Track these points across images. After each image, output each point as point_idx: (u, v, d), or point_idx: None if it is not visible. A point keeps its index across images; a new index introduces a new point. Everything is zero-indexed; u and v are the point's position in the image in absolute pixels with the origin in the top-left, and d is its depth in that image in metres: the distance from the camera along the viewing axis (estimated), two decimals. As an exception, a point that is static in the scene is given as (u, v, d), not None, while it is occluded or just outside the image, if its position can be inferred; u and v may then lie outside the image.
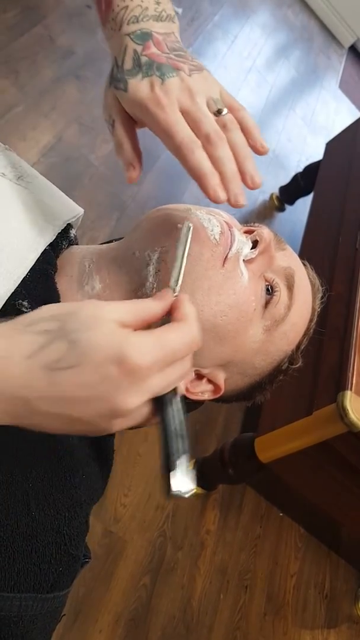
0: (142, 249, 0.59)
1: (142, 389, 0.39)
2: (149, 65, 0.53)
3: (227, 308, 0.58)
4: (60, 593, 0.50)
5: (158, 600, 1.52)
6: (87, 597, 1.40)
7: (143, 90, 0.52)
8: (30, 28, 2.20)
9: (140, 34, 0.54)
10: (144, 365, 0.38)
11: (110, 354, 0.37)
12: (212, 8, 3.34)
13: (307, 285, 0.68)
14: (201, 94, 0.53)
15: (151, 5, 0.56)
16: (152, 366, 0.38)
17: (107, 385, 0.37)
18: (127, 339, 0.38)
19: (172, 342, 0.40)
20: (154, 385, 0.40)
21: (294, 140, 3.25)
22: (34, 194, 0.62)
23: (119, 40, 0.55)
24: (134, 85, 0.53)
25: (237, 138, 0.53)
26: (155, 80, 0.52)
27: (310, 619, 1.81)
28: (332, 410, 1.24)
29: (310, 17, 4.44)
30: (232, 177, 0.51)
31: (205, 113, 0.52)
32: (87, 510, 0.55)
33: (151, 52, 0.53)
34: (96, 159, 2.08)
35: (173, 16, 0.57)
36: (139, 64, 0.53)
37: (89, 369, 0.37)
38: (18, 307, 0.53)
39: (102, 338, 0.38)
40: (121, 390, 0.38)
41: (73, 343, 0.37)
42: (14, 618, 0.46)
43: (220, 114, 0.53)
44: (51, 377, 0.37)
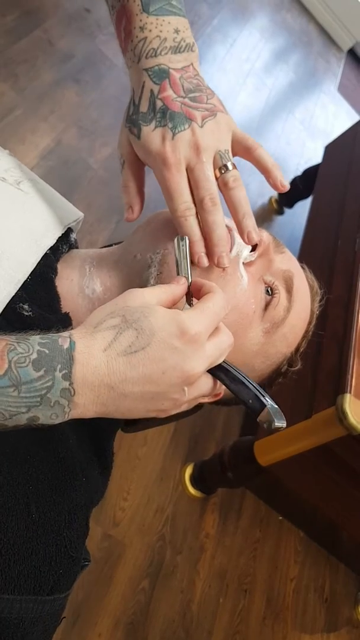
0: (143, 251, 0.60)
1: (203, 355, 0.47)
2: (162, 113, 0.55)
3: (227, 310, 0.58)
4: (61, 595, 0.50)
5: (157, 604, 1.51)
6: (86, 601, 1.40)
7: (154, 142, 0.55)
8: (30, 32, 2.21)
9: (158, 70, 0.55)
10: (199, 331, 0.46)
11: (171, 330, 0.45)
12: (211, 12, 3.35)
13: (306, 288, 0.69)
14: (209, 150, 0.55)
15: (170, 35, 0.56)
16: (205, 331, 0.47)
17: (175, 355, 0.45)
18: (180, 317, 0.46)
19: (212, 308, 0.49)
20: (210, 352, 0.48)
21: (293, 143, 3.26)
22: (35, 198, 0.62)
23: (137, 74, 0.57)
24: (146, 135, 0.55)
25: (237, 196, 0.57)
26: (167, 133, 0.54)
27: (310, 622, 1.81)
28: (331, 413, 1.24)
29: (309, 21, 4.45)
30: (218, 242, 0.56)
31: (207, 175, 0.55)
32: (88, 513, 0.55)
33: (166, 96, 0.55)
34: (95, 162, 2.09)
35: (192, 44, 0.58)
36: (154, 108, 0.55)
37: (158, 346, 0.44)
38: (19, 311, 0.54)
39: (160, 320, 0.45)
40: (187, 357, 0.46)
41: (139, 329, 0.44)
42: (15, 620, 0.46)
43: (226, 169, 0.56)
44: (129, 361, 0.44)
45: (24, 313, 0.54)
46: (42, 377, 0.40)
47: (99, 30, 2.47)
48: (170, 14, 0.57)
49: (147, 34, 0.56)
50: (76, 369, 0.42)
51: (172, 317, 0.46)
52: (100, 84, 2.32)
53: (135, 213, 0.62)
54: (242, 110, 3.06)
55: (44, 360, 0.41)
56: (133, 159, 0.59)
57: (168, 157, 0.54)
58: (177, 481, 1.72)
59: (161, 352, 0.44)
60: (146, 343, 0.44)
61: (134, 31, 0.56)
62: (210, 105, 0.57)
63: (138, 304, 0.47)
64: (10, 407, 0.40)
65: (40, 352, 0.41)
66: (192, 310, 0.48)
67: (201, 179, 0.55)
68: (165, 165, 0.54)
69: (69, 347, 0.42)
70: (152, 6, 0.56)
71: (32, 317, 0.54)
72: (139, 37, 0.56)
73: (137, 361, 0.44)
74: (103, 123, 2.21)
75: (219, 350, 0.50)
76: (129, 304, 0.47)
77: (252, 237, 0.56)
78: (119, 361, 0.43)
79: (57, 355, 0.41)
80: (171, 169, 0.54)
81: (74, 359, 0.42)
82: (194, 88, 0.56)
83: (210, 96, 0.57)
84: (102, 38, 2.46)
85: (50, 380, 0.41)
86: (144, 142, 0.56)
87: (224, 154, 0.56)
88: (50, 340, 0.42)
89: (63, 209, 0.65)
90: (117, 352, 0.43)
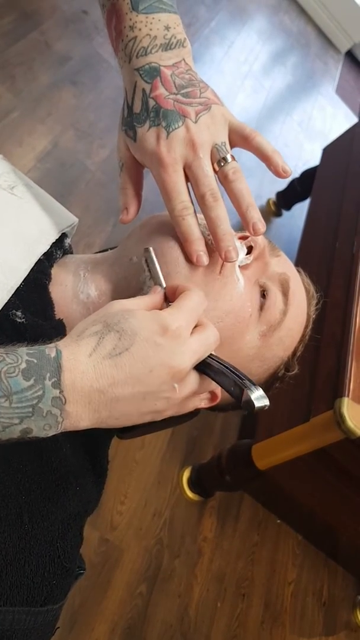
0: (139, 254, 0.59)
1: (188, 350, 0.47)
2: (156, 112, 0.54)
3: (224, 314, 0.58)
4: (54, 606, 0.50)
5: (155, 609, 1.51)
6: (83, 606, 1.39)
7: (150, 143, 0.54)
8: (27, 34, 2.20)
9: (149, 68, 0.55)
10: (180, 325, 0.47)
11: (153, 328, 0.46)
12: (209, 14, 3.35)
13: (302, 291, 0.68)
14: (205, 145, 0.55)
15: (160, 33, 0.55)
16: (186, 325, 0.48)
17: (160, 352, 0.45)
18: (160, 314, 0.47)
19: (189, 304, 0.50)
20: (195, 347, 0.48)
21: (290, 145, 3.25)
22: (29, 203, 0.62)
23: (129, 75, 0.56)
24: (142, 136, 0.55)
25: (238, 188, 0.56)
26: (161, 133, 0.54)
27: (308, 626, 1.80)
28: (329, 417, 1.23)
29: (306, 23, 4.45)
30: (223, 236, 0.55)
31: (205, 171, 0.55)
32: (81, 522, 0.54)
33: (158, 94, 0.54)
34: (92, 164, 2.08)
35: (184, 40, 0.57)
36: (146, 108, 0.55)
37: (141, 345, 0.45)
38: (12, 318, 0.53)
39: (141, 320, 0.46)
40: (172, 352, 0.46)
41: (121, 331, 0.45)
42: (7, 632, 0.46)
43: (225, 161, 0.55)
44: (115, 363, 0.44)
45: (17, 320, 0.53)
46: (33, 386, 0.40)
47: (97, 33, 2.47)
48: (160, 10, 0.56)
49: (137, 33, 0.55)
50: (65, 376, 0.41)
51: (152, 316, 0.47)
52: (98, 86, 2.32)
53: (130, 215, 0.61)
54: (239, 112, 3.06)
55: (33, 370, 0.40)
56: (131, 162, 0.59)
57: (164, 157, 0.54)
58: (174, 485, 1.71)
59: (145, 351, 0.45)
60: (129, 344, 0.44)
61: (124, 30, 0.55)
62: (203, 99, 0.56)
63: (119, 308, 0.48)
64: (3, 419, 0.39)
65: (29, 361, 0.41)
66: (170, 308, 0.49)
67: (200, 175, 0.55)
68: (162, 166, 0.54)
69: (56, 355, 0.42)
70: (141, 4, 0.55)
71: (25, 325, 0.53)
72: (129, 36, 0.55)
73: (123, 362, 0.44)
74: (100, 125, 2.21)
75: (204, 346, 0.50)
76: (113, 309, 0.48)
77: (257, 228, 0.55)
78: (106, 364, 0.43)
79: (45, 364, 0.41)
80: (168, 168, 0.54)
81: (62, 366, 0.42)
82: (187, 83, 0.56)
83: (203, 89, 0.57)
84: (100, 40, 2.45)
85: (41, 389, 0.40)
86: (139, 144, 0.55)
87: (221, 146, 0.56)
88: (38, 350, 0.42)
89: (57, 214, 0.65)
90: (102, 355, 0.43)
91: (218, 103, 0.57)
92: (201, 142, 0.54)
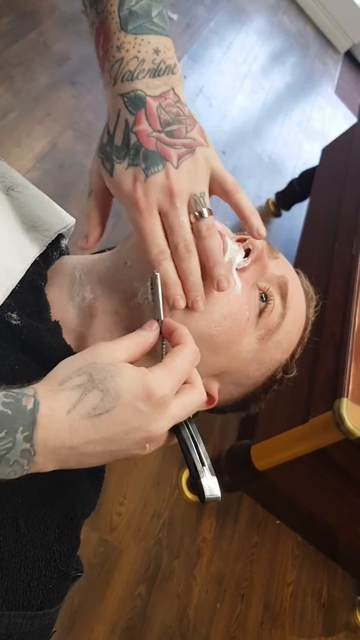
0: (134, 259, 0.59)
1: (167, 416, 0.47)
2: (136, 150, 0.51)
3: (221, 318, 0.58)
4: (51, 610, 0.49)
5: (154, 610, 1.50)
6: (83, 607, 1.39)
7: (126, 183, 0.52)
8: (25, 34, 2.20)
9: (134, 97, 0.51)
10: (165, 394, 0.46)
11: (137, 393, 0.44)
12: (208, 14, 3.35)
13: (300, 293, 0.68)
14: (183, 195, 0.53)
15: (149, 57, 0.52)
16: (171, 392, 0.47)
17: (139, 417, 0.45)
18: (147, 378, 0.45)
19: (180, 365, 0.48)
20: (175, 412, 0.48)
21: (290, 145, 3.25)
22: (25, 204, 0.61)
23: (113, 99, 0.53)
24: (119, 173, 0.52)
25: (209, 246, 0.54)
26: (139, 175, 0.51)
27: (308, 627, 1.80)
28: (328, 417, 1.23)
29: (305, 23, 4.45)
30: (191, 287, 0.54)
31: (181, 221, 0.53)
32: (78, 526, 0.54)
33: (141, 130, 0.51)
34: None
35: (173, 66, 0.53)
36: (127, 143, 0.52)
37: (123, 409, 0.44)
38: (7, 320, 0.53)
39: (127, 381, 0.45)
40: (152, 419, 0.46)
41: (105, 391, 0.44)
42: (3, 636, 0.45)
43: (201, 216, 0.53)
44: (93, 424, 0.43)
45: (12, 322, 0.53)
46: (3, 438, 0.40)
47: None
48: (150, 32, 0.52)
49: (124, 54, 0.51)
50: (38, 432, 0.41)
51: (139, 378, 0.45)
52: (96, 86, 2.31)
53: (90, 243, 0.60)
54: (239, 113, 3.06)
55: (5, 422, 0.40)
56: (101, 191, 0.57)
57: (140, 202, 0.52)
58: (173, 486, 1.71)
59: (125, 415, 0.44)
60: (111, 406, 0.44)
61: (111, 50, 0.52)
62: (188, 140, 0.53)
63: (106, 360, 0.46)
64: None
65: (3, 412, 0.40)
66: (159, 369, 0.47)
67: (175, 225, 0.53)
68: (137, 210, 0.52)
69: (32, 408, 0.41)
70: (131, 24, 0.51)
71: (20, 327, 0.53)
72: (116, 57, 0.52)
73: (101, 424, 0.44)
74: (99, 126, 2.18)
75: (185, 411, 0.49)
76: (97, 361, 0.46)
77: (222, 285, 0.54)
78: (83, 424, 0.43)
79: (19, 417, 0.41)
80: (143, 213, 0.52)
81: (37, 421, 0.41)
82: (172, 119, 0.52)
83: (190, 127, 0.53)
84: (98, 40, 2.45)
85: (11, 442, 0.40)
86: (115, 181, 0.53)
87: (199, 198, 0.53)
88: (15, 399, 0.41)
89: (54, 215, 0.64)
90: (80, 414, 0.43)
91: (203, 144, 0.54)
92: (179, 191, 0.52)
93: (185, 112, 0.54)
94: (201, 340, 0.57)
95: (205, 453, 0.52)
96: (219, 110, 2.89)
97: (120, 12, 0.51)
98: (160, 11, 0.53)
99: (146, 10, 0.52)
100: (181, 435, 0.53)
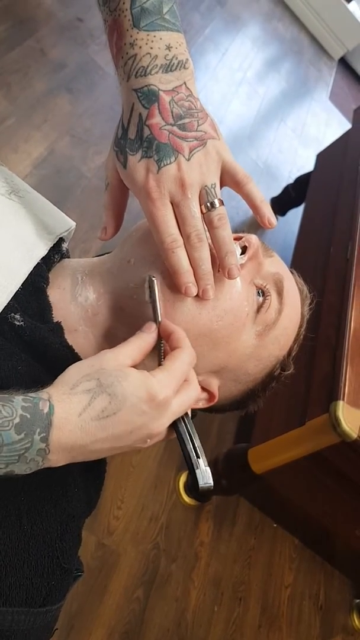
0: (137, 256, 0.60)
1: (168, 414, 0.52)
2: (149, 143, 0.53)
3: (223, 312, 0.59)
4: (53, 607, 0.50)
5: (152, 613, 1.51)
6: (80, 611, 1.39)
7: (139, 174, 0.54)
8: (22, 41, 2.22)
9: (147, 91, 0.53)
10: (167, 395, 0.50)
11: (141, 395, 0.48)
12: (203, 21, 3.37)
13: (295, 290, 0.69)
14: (195, 186, 0.54)
15: (161, 53, 0.53)
16: (172, 393, 0.51)
17: (143, 417, 0.49)
18: (150, 381, 0.49)
19: (179, 368, 0.53)
20: (175, 409, 0.53)
21: (285, 151, 3.27)
22: (27, 208, 0.62)
23: (127, 94, 0.54)
24: (132, 165, 0.54)
25: (221, 235, 0.56)
26: (152, 166, 0.53)
27: (305, 630, 1.80)
28: (324, 420, 1.24)
29: (300, 30, 4.49)
30: (203, 276, 0.56)
31: (192, 212, 0.54)
32: (80, 524, 0.55)
33: (154, 123, 0.53)
34: (88, 170, 2.09)
35: (185, 61, 0.55)
36: (141, 136, 0.54)
37: (128, 411, 0.48)
38: (10, 321, 0.54)
39: (132, 385, 0.48)
40: (154, 418, 0.50)
41: (112, 395, 0.47)
42: (6, 632, 0.46)
43: (212, 207, 0.55)
44: (101, 424, 0.47)
45: (16, 323, 0.54)
46: (22, 439, 0.43)
47: (92, 40, 2.49)
48: (162, 29, 0.53)
49: (137, 51, 0.53)
50: (53, 433, 0.45)
51: (143, 382, 0.49)
52: (93, 92, 2.33)
53: (108, 235, 0.62)
54: (234, 119, 3.08)
55: (25, 425, 0.43)
56: (117, 184, 0.59)
57: (152, 192, 0.53)
58: (171, 489, 1.72)
59: (130, 416, 0.48)
60: (118, 408, 0.48)
61: (124, 47, 0.53)
62: (200, 133, 0.54)
63: (112, 366, 0.50)
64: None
65: (23, 416, 0.43)
66: (161, 373, 0.51)
67: (187, 215, 0.54)
68: (150, 199, 0.54)
69: (49, 411, 0.45)
70: (143, 21, 0.53)
71: (23, 327, 0.54)
72: (129, 54, 0.53)
73: (109, 424, 0.47)
74: (96, 132, 2.22)
75: (183, 406, 0.54)
76: (104, 366, 0.49)
77: (232, 273, 0.56)
78: (92, 425, 0.47)
79: (37, 420, 0.44)
80: (155, 202, 0.54)
81: (52, 423, 0.45)
82: (185, 113, 0.54)
83: (202, 121, 0.55)
84: (95, 47, 2.47)
85: (29, 442, 0.43)
86: (129, 172, 0.54)
87: (210, 189, 0.55)
88: (32, 403, 0.44)
89: (55, 219, 0.65)
90: (90, 416, 0.47)
91: (215, 137, 0.56)
92: (191, 183, 0.54)
93: (197, 105, 0.56)
94: (202, 334, 0.58)
95: (200, 446, 0.58)
96: (214, 116, 2.86)
97: (133, 10, 0.53)
98: (171, 7, 0.55)
99: (157, 7, 0.53)
100: (179, 429, 0.58)
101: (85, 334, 0.60)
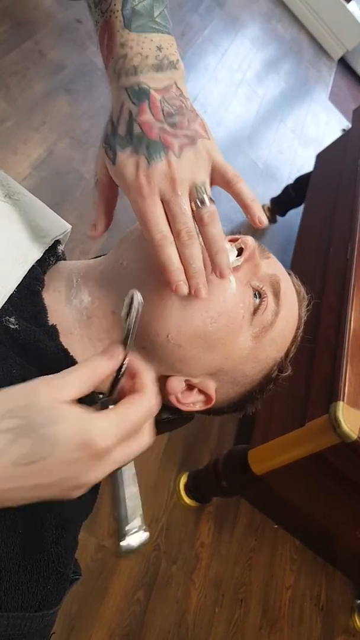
0: (130, 259, 0.60)
1: (105, 466, 0.43)
2: (139, 140, 0.53)
3: (217, 315, 0.58)
4: (49, 611, 0.50)
5: (152, 615, 1.50)
6: (81, 613, 1.39)
7: (128, 171, 0.53)
8: (21, 43, 2.22)
9: (138, 89, 0.53)
10: (107, 446, 0.42)
11: (77, 442, 0.40)
12: (203, 22, 3.37)
13: (293, 292, 0.69)
14: (185, 183, 0.53)
15: (152, 53, 0.54)
16: (114, 444, 0.42)
17: (74, 467, 0.41)
18: (90, 427, 0.41)
19: (132, 416, 0.44)
20: (115, 462, 0.44)
21: (284, 152, 3.27)
22: (22, 211, 0.62)
23: (117, 92, 0.55)
24: (122, 161, 0.53)
25: (211, 233, 0.54)
26: (142, 163, 0.53)
27: (307, 631, 1.80)
28: (324, 421, 1.24)
29: (299, 31, 4.49)
30: (194, 273, 0.54)
31: (183, 209, 0.53)
32: (76, 528, 0.55)
33: (145, 120, 0.53)
34: (87, 172, 2.09)
35: (176, 62, 0.55)
36: (131, 133, 0.53)
37: (58, 459, 0.40)
38: (5, 324, 0.53)
39: (68, 429, 0.40)
40: (87, 470, 0.42)
41: (41, 438, 0.40)
42: (2, 637, 0.46)
43: (202, 204, 0.54)
44: (20, 472, 0.40)
45: (10, 326, 0.53)
46: None
47: (90, 41, 2.49)
48: (153, 30, 0.54)
49: (128, 51, 0.53)
50: None
51: (81, 428, 0.41)
52: (92, 94, 2.33)
53: (98, 232, 0.61)
54: (234, 120, 3.08)
55: None
56: (107, 180, 0.58)
57: (142, 188, 0.53)
58: (171, 490, 1.71)
59: (58, 465, 0.41)
60: (45, 455, 0.40)
61: (115, 48, 0.54)
62: (191, 132, 0.54)
63: (46, 401, 0.41)
64: None
65: None
66: (107, 419, 0.43)
67: (177, 212, 0.53)
68: (140, 196, 0.53)
69: None
70: (134, 22, 0.54)
71: (18, 330, 0.54)
72: (120, 54, 0.54)
73: (30, 473, 0.40)
74: (95, 133, 2.22)
75: (126, 457, 0.45)
76: (35, 401, 0.41)
77: (223, 272, 0.55)
78: (9, 471, 0.40)
79: None
80: (145, 199, 0.53)
81: None
82: (175, 111, 0.54)
83: (192, 120, 0.55)
84: (93, 49, 2.47)
85: None
86: (118, 169, 0.54)
87: (200, 187, 0.54)
88: None
89: (50, 222, 0.65)
90: (8, 461, 0.40)
91: (205, 137, 0.55)
92: (181, 180, 0.53)
93: (188, 105, 0.56)
94: (196, 336, 0.58)
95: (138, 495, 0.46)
96: (213, 117, 2.91)
97: (124, 11, 0.54)
98: (162, 11, 0.55)
99: (148, 10, 0.54)
100: (115, 482, 0.47)
101: (81, 337, 0.60)
